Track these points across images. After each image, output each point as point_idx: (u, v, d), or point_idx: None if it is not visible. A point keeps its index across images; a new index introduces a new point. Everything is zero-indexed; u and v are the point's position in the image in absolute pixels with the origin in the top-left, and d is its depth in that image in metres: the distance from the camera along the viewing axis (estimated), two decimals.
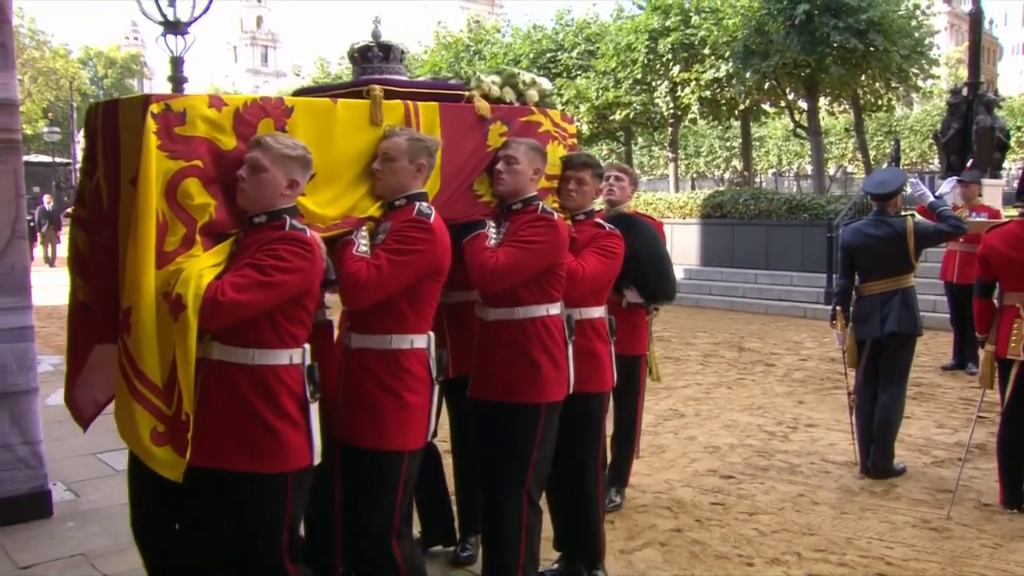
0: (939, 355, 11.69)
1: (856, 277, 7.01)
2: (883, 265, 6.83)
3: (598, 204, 5.29)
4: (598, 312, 4.81)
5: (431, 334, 3.96)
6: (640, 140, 40.80)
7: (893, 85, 23.67)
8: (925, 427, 8.33)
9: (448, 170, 4.24)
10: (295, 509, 3.58)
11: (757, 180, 44.55)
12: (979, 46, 18.97)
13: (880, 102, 24.86)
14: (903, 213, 7.08)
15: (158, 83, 77.72)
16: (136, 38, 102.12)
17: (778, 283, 18.05)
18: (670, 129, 28.62)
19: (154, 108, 3.33)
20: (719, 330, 15.13)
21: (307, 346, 3.55)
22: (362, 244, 3.77)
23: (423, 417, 3.92)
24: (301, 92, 4.45)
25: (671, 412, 9.12)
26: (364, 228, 3.86)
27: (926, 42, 23.71)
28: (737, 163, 48.81)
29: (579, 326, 4.63)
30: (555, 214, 4.31)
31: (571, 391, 4.45)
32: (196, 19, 7.16)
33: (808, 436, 8.13)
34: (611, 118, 28.14)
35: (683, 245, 20.57)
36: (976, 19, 18.73)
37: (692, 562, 5.35)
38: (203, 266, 3.31)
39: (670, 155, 30.37)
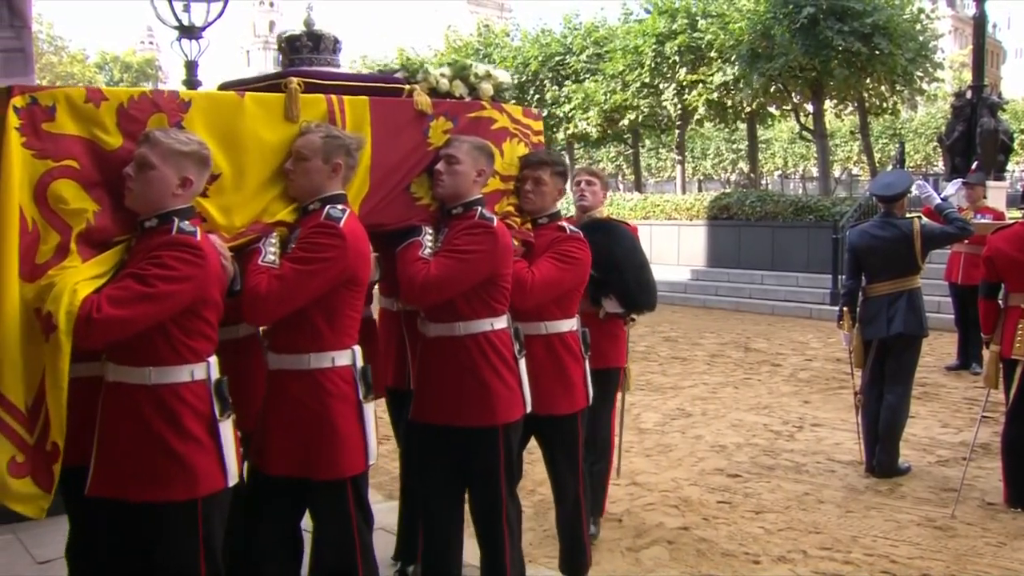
0: (943, 355, 11.72)
1: (863, 278, 7.05)
2: (890, 266, 6.88)
3: (566, 209, 5.23)
4: (567, 325, 4.49)
5: (356, 349, 3.57)
6: (648, 142, 40.96)
7: (898, 88, 23.73)
8: (929, 427, 8.37)
9: (380, 171, 3.88)
10: (210, 539, 3.23)
11: (763, 182, 44.70)
12: (983, 49, 19.00)
13: (885, 105, 24.94)
14: (909, 215, 7.13)
15: (172, 87, 78.41)
16: (151, 43, 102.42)
17: (784, 284, 18.10)
18: (677, 132, 28.70)
19: (17, 101, 2.99)
20: (726, 330, 15.18)
21: (212, 360, 3.21)
22: (269, 253, 3.40)
23: (354, 442, 3.50)
24: (226, 86, 4.06)
25: (678, 411, 9.17)
26: (275, 235, 3.50)
27: (930, 46, 23.78)
28: (743, 165, 48.84)
29: (546, 341, 4.39)
30: (494, 220, 3.92)
31: (528, 410, 4.11)
32: (210, 23, 7.22)
33: (814, 435, 8.18)
34: (619, 121, 28.20)
35: (690, 246, 20.68)
36: (980, 23, 18.75)
37: (699, 560, 5.40)
38: (79, 279, 2.96)
39: (677, 157, 30.42)
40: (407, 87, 4.09)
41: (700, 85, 25.35)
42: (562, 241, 4.33)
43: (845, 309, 7.07)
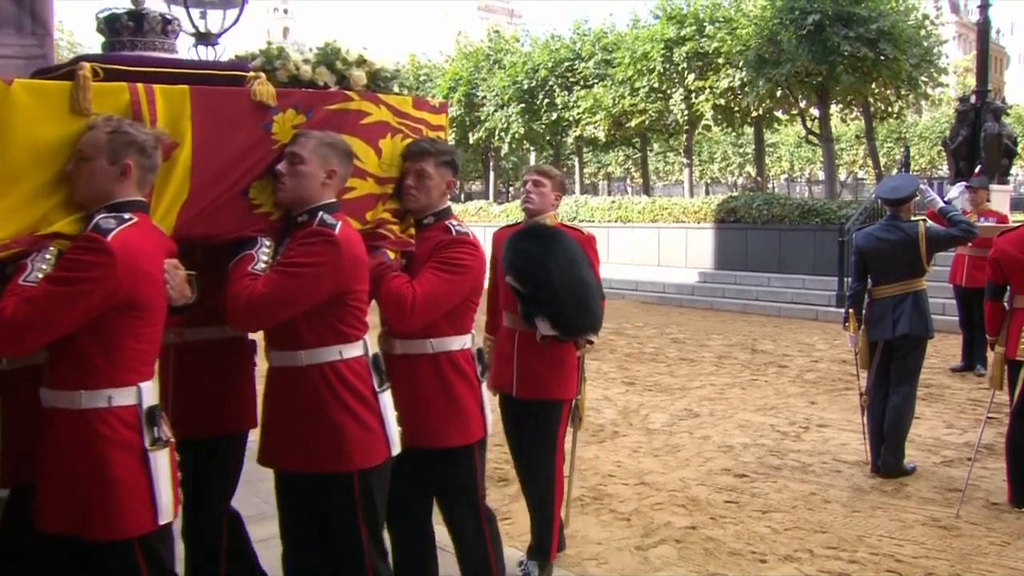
0: (948, 357, 11.77)
1: (869, 280, 7.11)
2: (895, 269, 6.94)
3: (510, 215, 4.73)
4: (459, 343, 3.88)
5: (142, 386, 2.97)
6: (656, 147, 41.05)
7: (903, 93, 23.77)
8: (934, 427, 8.41)
9: (204, 173, 3.29)
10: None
11: (770, 185, 44.67)
12: (987, 55, 19.14)
13: (890, 109, 25.02)
14: (914, 218, 7.19)
15: None
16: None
17: (790, 286, 18.18)
18: (685, 136, 28.75)
19: None
20: (733, 332, 15.23)
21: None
22: (38, 271, 2.87)
23: (138, 498, 2.91)
24: (37, 74, 3.43)
25: (686, 412, 9.23)
26: (50, 249, 2.94)
27: (935, 51, 23.84)
28: (750, 169, 48.87)
29: (433, 362, 3.81)
30: (336, 227, 3.30)
31: (394, 451, 3.53)
32: (226, 30, 7.22)
33: (820, 436, 8.22)
34: (627, 125, 28.26)
35: (698, 249, 20.81)
36: (984, 29, 18.82)
37: (707, 559, 5.43)
38: None
39: (685, 161, 30.48)
40: (250, 75, 3.48)
41: (707, 90, 25.41)
42: (446, 246, 3.73)
43: (851, 311, 7.13)
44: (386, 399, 3.51)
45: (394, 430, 3.51)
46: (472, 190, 54.11)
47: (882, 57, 21.46)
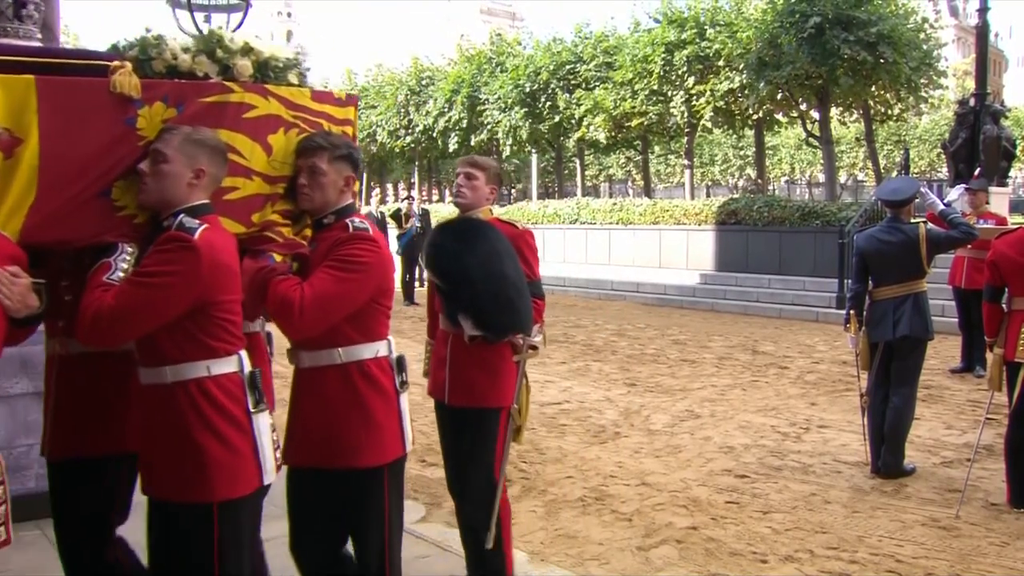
0: (947, 358, 11.79)
1: (870, 282, 7.15)
2: (896, 270, 6.97)
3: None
4: (370, 351, 3.51)
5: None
6: (657, 149, 41.05)
7: (902, 96, 23.81)
8: (934, 428, 8.43)
9: (55, 172, 3.00)
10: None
11: (770, 188, 44.67)
12: (986, 58, 19.19)
13: (890, 112, 25.08)
14: (914, 220, 7.22)
15: None
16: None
17: (791, 288, 18.22)
18: (686, 138, 28.78)
19: None
20: (733, 333, 15.25)
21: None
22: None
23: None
24: None
25: (687, 413, 9.26)
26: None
27: (934, 54, 23.90)
28: (751, 171, 48.88)
29: (343, 372, 3.46)
30: (196, 231, 2.98)
31: (267, 481, 3.20)
32: None
33: (820, 437, 8.24)
34: (628, 127, 28.30)
35: (699, 251, 20.86)
36: (982, 32, 18.86)
37: (708, 559, 5.45)
38: None
39: (686, 163, 30.51)
40: (113, 64, 3.15)
41: (708, 93, 25.45)
42: (342, 244, 3.39)
43: (852, 312, 7.17)
44: (262, 421, 3.18)
45: (269, 457, 3.19)
46: None
47: (882, 60, 21.51)
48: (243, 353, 3.18)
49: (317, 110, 3.60)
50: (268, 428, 3.21)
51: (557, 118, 30.45)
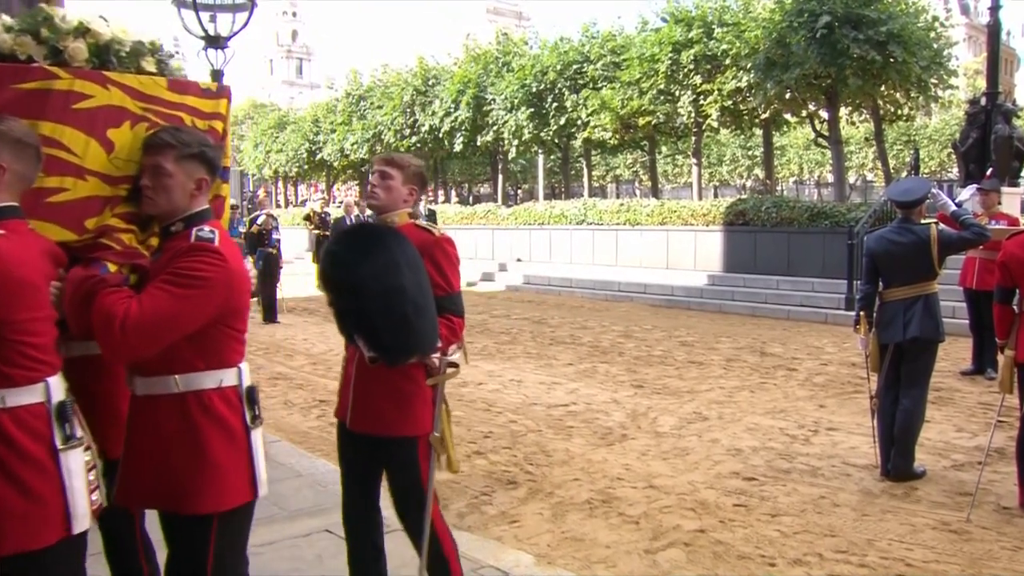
0: (958, 360, 11.72)
1: (880, 283, 7.10)
2: (907, 271, 6.93)
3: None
4: (213, 380, 3.06)
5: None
6: (664, 149, 40.99)
7: (912, 95, 23.71)
8: (944, 431, 8.38)
9: None
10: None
11: (779, 188, 44.75)
12: (997, 57, 19.11)
13: (900, 112, 24.96)
14: (925, 221, 7.17)
15: None
16: (178, 52, 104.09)
17: (800, 289, 18.16)
18: (693, 138, 28.74)
19: None
20: (742, 335, 15.19)
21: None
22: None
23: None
24: None
25: (695, 415, 9.21)
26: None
27: (945, 53, 23.77)
28: (759, 171, 48.91)
29: (180, 404, 3.02)
30: None
31: (74, 531, 2.81)
32: (235, 33, 7.21)
33: (829, 439, 8.20)
34: (635, 126, 28.28)
35: (707, 251, 20.83)
36: (994, 31, 18.81)
37: (715, 562, 5.42)
38: None
39: (693, 163, 30.48)
40: None
41: (715, 93, 25.42)
42: (183, 255, 2.95)
43: (862, 313, 7.12)
44: (72, 460, 2.81)
45: (80, 501, 2.81)
46: (480, 193, 54.22)
47: (891, 60, 21.40)
48: (52, 380, 2.79)
49: (174, 101, 3.26)
50: (81, 467, 2.82)
51: (564, 118, 30.43)
